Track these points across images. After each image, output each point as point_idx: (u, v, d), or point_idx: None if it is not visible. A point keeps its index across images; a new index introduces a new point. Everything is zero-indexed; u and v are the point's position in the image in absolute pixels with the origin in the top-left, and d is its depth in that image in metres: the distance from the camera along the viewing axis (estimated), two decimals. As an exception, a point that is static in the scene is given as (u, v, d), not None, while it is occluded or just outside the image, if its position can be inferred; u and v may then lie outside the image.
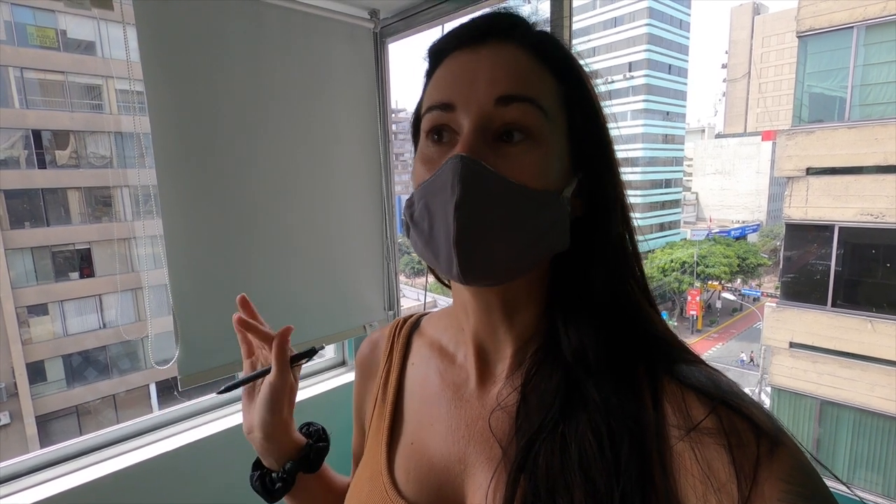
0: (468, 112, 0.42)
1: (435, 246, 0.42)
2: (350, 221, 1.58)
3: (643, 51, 35.57)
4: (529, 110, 0.41)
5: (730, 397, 0.38)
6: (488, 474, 0.44)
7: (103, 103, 13.33)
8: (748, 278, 23.33)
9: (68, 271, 13.04)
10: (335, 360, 1.71)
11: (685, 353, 0.44)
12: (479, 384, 0.50)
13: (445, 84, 0.44)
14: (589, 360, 0.43)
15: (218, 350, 1.27)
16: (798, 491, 0.34)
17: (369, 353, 0.63)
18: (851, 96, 6.47)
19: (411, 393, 0.55)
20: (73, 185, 12.95)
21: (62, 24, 12.67)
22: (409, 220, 0.46)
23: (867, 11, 6.19)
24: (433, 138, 0.44)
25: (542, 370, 0.45)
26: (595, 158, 0.46)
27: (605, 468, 0.38)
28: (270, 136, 1.36)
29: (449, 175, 0.40)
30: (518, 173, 0.41)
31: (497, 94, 0.41)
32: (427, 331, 0.59)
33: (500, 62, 0.42)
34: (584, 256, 0.45)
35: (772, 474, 0.34)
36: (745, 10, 39.89)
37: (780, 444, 0.36)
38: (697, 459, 0.37)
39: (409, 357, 0.58)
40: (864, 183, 6.36)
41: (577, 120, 0.45)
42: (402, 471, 0.50)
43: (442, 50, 0.46)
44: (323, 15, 1.45)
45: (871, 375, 6.49)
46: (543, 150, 0.42)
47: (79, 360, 13.14)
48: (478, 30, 0.45)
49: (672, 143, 37.42)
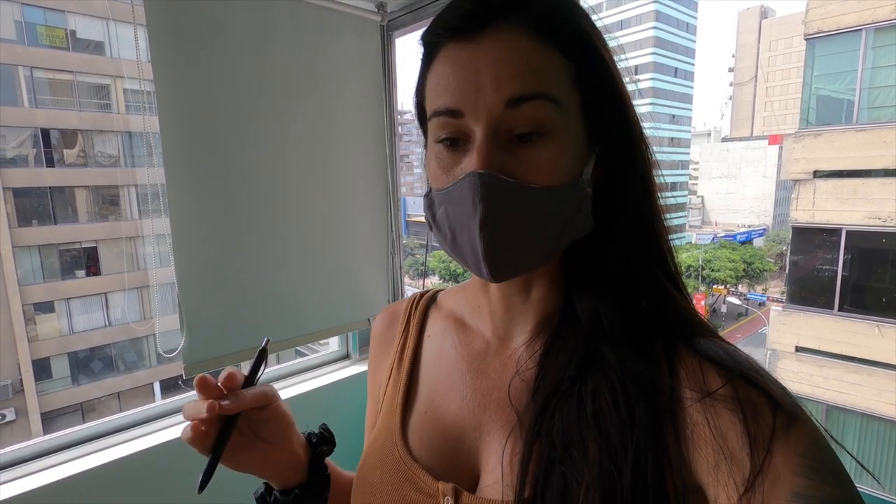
0: (478, 119, 0.40)
1: (460, 252, 0.43)
2: (355, 217, 1.58)
3: (649, 54, 35.53)
4: (541, 106, 0.39)
5: (748, 371, 0.38)
6: (503, 439, 0.44)
7: (111, 103, 13.45)
8: (754, 283, 23.18)
9: (75, 269, 13.15)
10: (339, 352, 1.71)
11: (704, 328, 0.43)
12: (496, 355, 0.50)
13: (448, 86, 0.41)
14: (604, 326, 0.43)
15: (222, 339, 1.28)
16: (814, 466, 0.33)
17: (386, 325, 0.63)
18: (859, 99, 6.42)
19: (427, 364, 0.55)
20: (80, 184, 13.06)
21: (72, 25, 12.81)
22: (431, 220, 0.46)
23: (876, 14, 6.15)
24: (445, 143, 0.43)
25: (560, 337, 0.45)
26: (611, 132, 0.44)
27: (620, 423, 0.38)
28: (277, 132, 1.37)
29: (469, 193, 0.40)
30: (536, 174, 0.40)
31: (506, 96, 0.39)
32: (444, 304, 0.59)
33: (503, 56, 0.39)
34: (601, 231, 0.45)
35: (788, 448, 0.34)
36: (753, 14, 39.80)
37: (797, 419, 0.35)
38: (711, 428, 0.37)
39: (425, 329, 0.58)
40: (871, 186, 6.31)
41: (591, 96, 0.43)
42: (416, 437, 0.50)
43: (435, 42, 0.43)
44: (330, 7, 1.46)
45: (878, 380, 6.43)
46: (559, 143, 0.41)
47: (84, 358, 13.23)
48: (473, 15, 0.40)
49: (678, 147, 37.31)
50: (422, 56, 0.45)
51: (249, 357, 1.36)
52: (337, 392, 1.54)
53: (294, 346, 1.48)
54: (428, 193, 0.46)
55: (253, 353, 0.50)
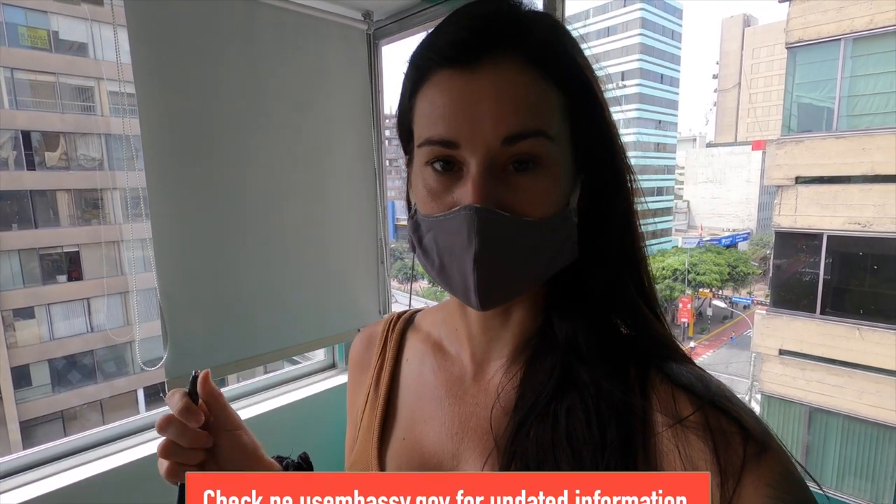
0: (474, 152, 0.39)
1: (448, 280, 0.43)
2: (342, 225, 1.57)
3: (636, 60, 35.98)
4: (537, 143, 0.40)
5: (719, 398, 0.38)
6: (480, 467, 0.44)
7: (95, 105, 13.22)
8: (738, 286, 23.52)
9: (56, 274, 12.86)
10: (325, 362, 1.69)
11: (678, 353, 0.44)
12: (474, 381, 0.50)
13: (444, 116, 0.40)
14: (580, 347, 0.43)
15: (206, 352, 1.25)
16: (783, 497, 0.34)
17: (363, 348, 0.62)
18: (839, 107, 6.56)
19: (405, 388, 0.54)
20: (62, 187, 12.81)
21: (54, 25, 12.58)
22: (417, 244, 0.45)
23: (854, 24, 6.30)
24: (436, 168, 0.42)
25: (538, 358, 0.45)
26: (599, 162, 0.45)
27: (593, 444, 0.38)
28: (263, 138, 1.36)
29: (464, 226, 0.39)
30: (530, 206, 0.41)
31: (504, 133, 0.39)
32: (422, 326, 0.58)
33: (502, 91, 0.39)
34: (584, 257, 0.45)
35: (758, 478, 0.34)
36: (736, 22, 40.53)
37: (768, 449, 0.35)
38: (681, 456, 0.37)
39: (403, 352, 0.57)
40: (851, 192, 6.44)
41: (581, 127, 0.43)
42: (394, 466, 0.50)
43: (427, 66, 0.42)
44: (316, 15, 1.45)
45: (859, 382, 6.54)
46: (551, 175, 0.41)
47: (65, 365, 12.94)
48: (470, 44, 0.39)
49: (664, 152, 37.77)
50: (409, 76, 0.44)
51: (235, 370, 1.34)
52: (322, 402, 1.53)
53: (282, 357, 1.46)
54: (413, 216, 0.45)
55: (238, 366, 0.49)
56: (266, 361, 1.43)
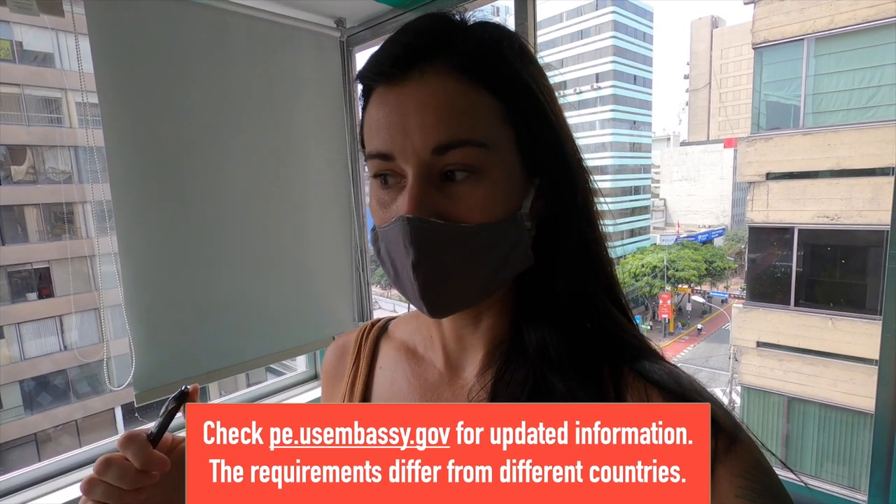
0: (407, 163, 0.41)
1: (403, 288, 0.44)
2: (317, 232, 1.56)
3: (609, 62, 36.60)
4: (468, 152, 0.40)
5: (690, 394, 0.39)
6: None
7: (63, 116, 12.86)
8: (716, 281, 24.04)
9: (26, 292, 12.43)
10: (307, 373, 1.67)
11: (649, 351, 0.45)
12: (448, 386, 0.50)
13: (379, 130, 0.41)
14: (551, 356, 0.43)
15: (176, 364, 1.23)
16: (755, 488, 0.35)
17: (336, 359, 0.62)
18: (805, 105, 6.78)
19: (379, 396, 0.54)
20: (30, 202, 12.40)
21: (18, 36, 12.22)
22: (377, 255, 0.46)
23: (816, 25, 6.52)
24: (380, 181, 0.44)
25: (510, 367, 0.45)
26: (548, 164, 0.44)
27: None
28: (234, 147, 1.33)
29: (400, 235, 0.40)
30: (468, 212, 0.41)
31: (433, 144, 0.39)
32: (395, 334, 0.58)
33: (427, 101, 0.39)
34: (546, 262, 0.45)
35: (730, 470, 0.35)
36: (704, 24, 41.62)
37: (737, 441, 0.36)
38: None
39: (376, 361, 0.57)
40: (819, 186, 6.65)
41: (524, 130, 0.43)
42: None
43: (369, 82, 0.43)
44: (288, 23, 1.44)
45: (833, 371, 6.74)
46: (490, 181, 0.41)
47: (37, 385, 12.49)
48: (399, 59, 0.41)
49: (639, 152, 38.46)
50: (361, 92, 0.46)
51: (206, 382, 1.31)
52: (305, 414, 1.50)
53: (256, 367, 1.44)
54: (373, 228, 0.46)
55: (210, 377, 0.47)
56: (239, 371, 1.41)
